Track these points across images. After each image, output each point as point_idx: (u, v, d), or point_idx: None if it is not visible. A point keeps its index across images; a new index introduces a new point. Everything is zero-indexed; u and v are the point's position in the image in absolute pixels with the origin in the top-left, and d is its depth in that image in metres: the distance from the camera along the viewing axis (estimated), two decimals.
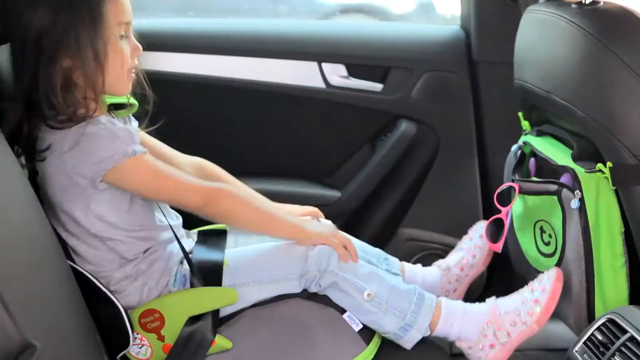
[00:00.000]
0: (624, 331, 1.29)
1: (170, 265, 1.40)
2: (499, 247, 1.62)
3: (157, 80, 2.16)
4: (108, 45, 1.31)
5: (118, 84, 1.35)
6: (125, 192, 1.34)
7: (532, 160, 1.66)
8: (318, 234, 1.42)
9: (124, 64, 1.34)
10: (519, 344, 1.44)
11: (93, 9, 1.28)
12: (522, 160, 1.68)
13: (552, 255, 1.54)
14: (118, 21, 1.32)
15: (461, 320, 1.43)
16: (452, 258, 1.69)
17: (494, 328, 1.43)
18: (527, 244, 1.63)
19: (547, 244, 1.55)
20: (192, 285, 1.37)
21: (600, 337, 1.33)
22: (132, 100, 1.43)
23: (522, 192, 1.60)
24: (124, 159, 1.29)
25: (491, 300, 1.48)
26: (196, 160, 1.61)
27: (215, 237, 1.50)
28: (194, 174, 1.51)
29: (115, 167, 1.29)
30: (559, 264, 1.51)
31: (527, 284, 1.51)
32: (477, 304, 1.48)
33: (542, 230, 1.56)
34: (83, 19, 1.27)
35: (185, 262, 1.41)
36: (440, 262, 1.69)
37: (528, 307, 1.43)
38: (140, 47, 1.38)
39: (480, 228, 1.71)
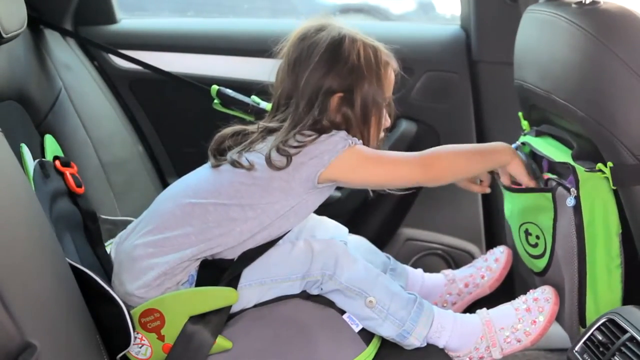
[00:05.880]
0: (624, 331, 1.29)
1: (191, 266, 1.40)
2: None
3: (157, 80, 2.18)
4: (379, 110, 1.46)
5: (367, 145, 1.46)
6: None
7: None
8: (520, 163, 1.51)
9: (379, 133, 1.49)
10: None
11: (379, 77, 1.45)
12: (529, 160, 1.67)
13: (541, 256, 1.54)
14: (388, 94, 1.49)
15: (450, 331, 1.43)
16: (461, 271, 1.68)
17: (488, 344, 1.44)
18: (519, 245, 1.63)
19: (535, 245, 1.55)
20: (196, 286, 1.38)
21: (600, 337, 1.33)
22: None
23: (516, 190, 1.59)
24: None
25: (484, 313, 1.48)
26: None
27: None
28: None
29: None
30: (549, 263, 1.51)
31: (518, 296, 1.52)
32: (467, 315, 1.48)
33: (528, 233, 1.56)
34: (370, 84, 1.44)
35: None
36: (448, 272, 1.68)
37: (525, 326, 1.45)
38: (390, 122, 1.52)
39: (499, 252, 1.69)
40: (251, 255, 1.40)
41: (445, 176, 1.47)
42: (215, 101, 1.83)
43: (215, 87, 1.83)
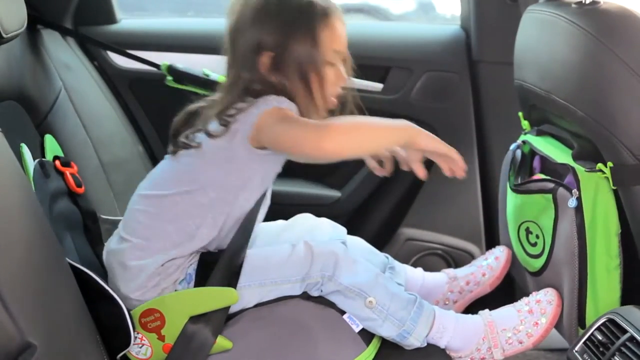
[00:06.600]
0: (624, 331, 1.29)
1: (185, 263, 1.40)
2: None
3: (157, 80, 2.17)
4: (317, 69, 1.36)
5: (313, 108, 1.38)
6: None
7: (537, 157, 1.66)
8: (430, 135, 1.34)
9: (325, 90, 1.39)
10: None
11: (313, 33, 1.36)
12: (524, 159, 1.67)
13: (539, 256, 1.54)
14: (332, 48, 1.38)
15: (452, 331, 1.43)
16: (462, 270, 1.69)
17: (489, 344, 1.44)
18: (515, 244, 1.64)
19: (534, 244, 1.55)
20: (196, 285, 1.37)
21: (600, 337, 1.34)
22: None
23: (516, 191, 1.59)
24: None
25: (486, 314, 1.48)
26: None
27: None
28: None
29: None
30: (546, 264, 1.51)
31: (520, 297, 1.52)
32: (470, 315, 1.48)
33: (528, 232, 1.56)
34: (302, 41, 1.35)
35: (193, 259, 1.41)
36: (449, 270, 1.68)
37: (527, 328, 1.45)
38: (346, 78, 1.42)
39: (498, 251, 1.70)
40: (242, 232, 1.40)
41: (342, 151, 1.29)
42: (168, 78, 1.82)
43: (165, 63, 1.81)
